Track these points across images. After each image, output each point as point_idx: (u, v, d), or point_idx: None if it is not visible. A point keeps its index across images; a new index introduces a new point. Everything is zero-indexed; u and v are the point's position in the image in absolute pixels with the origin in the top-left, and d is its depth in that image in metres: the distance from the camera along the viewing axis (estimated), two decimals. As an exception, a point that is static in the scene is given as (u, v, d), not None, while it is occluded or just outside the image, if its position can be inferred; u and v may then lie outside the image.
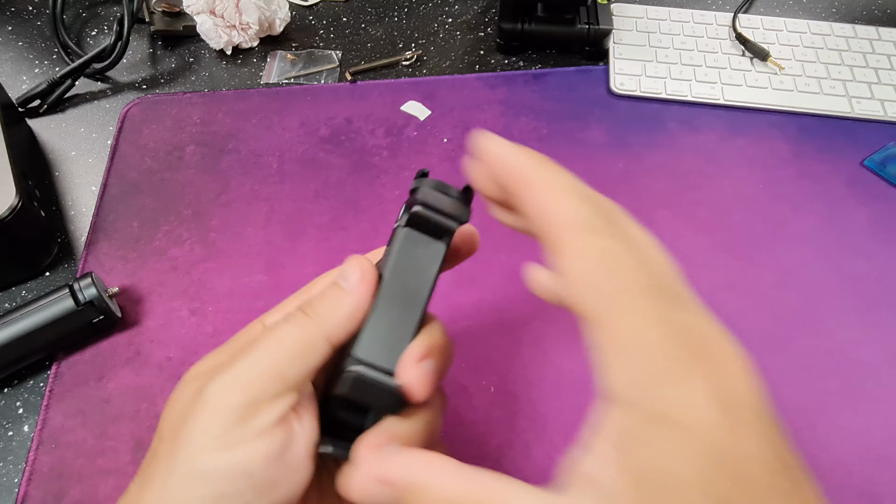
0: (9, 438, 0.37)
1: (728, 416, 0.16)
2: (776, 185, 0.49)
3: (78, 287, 0.38)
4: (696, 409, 0.16)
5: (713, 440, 0.16)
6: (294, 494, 0.24)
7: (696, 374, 0.17)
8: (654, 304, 0.18)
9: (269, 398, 0.23)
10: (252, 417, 0.23)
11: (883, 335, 0.41)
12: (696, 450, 0.16)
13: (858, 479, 0.36)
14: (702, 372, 0.17)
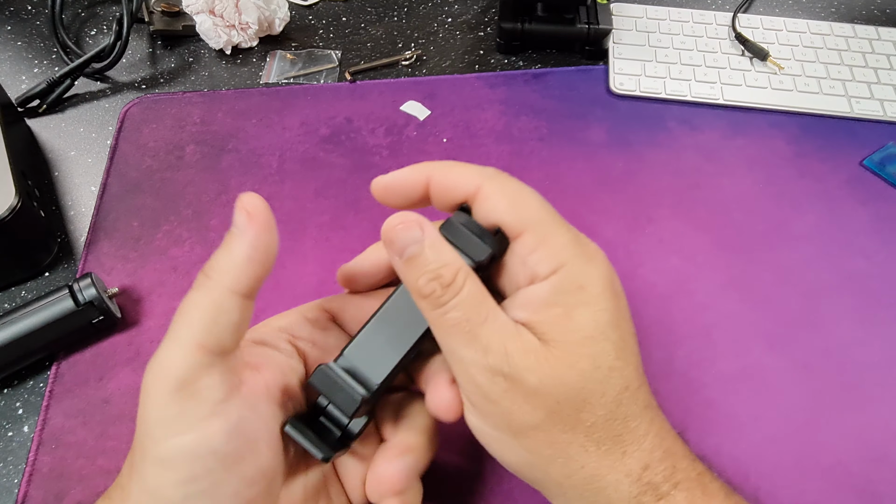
0: (9, 439, 0.37)
1: (608, 286, 0.25)
2: (776, 185, 0.49)
3: (78, 287, 0.38)
4: (597, 281, 0.25)
5: (606, 295, 0.25)
6: (264, 467, 0.25)
7: (592, 262, 0.25)
8: (557, 220, 0.26)
9: (199, 370, 0.23)
10: (193, 395, 0.23)
11: (883, 334, 0.41)
12: (600, 297, 0.25)
13: (858, 478, 0.36)
14: (593, 261, 0.26)
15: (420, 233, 0.24)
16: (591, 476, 0.25)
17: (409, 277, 0.25)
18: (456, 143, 0.51)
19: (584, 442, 0.24)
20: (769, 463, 0.36)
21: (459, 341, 0.24)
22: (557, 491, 0.26)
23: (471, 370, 0.24)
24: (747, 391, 0.39)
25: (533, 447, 0.25)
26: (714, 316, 0.42)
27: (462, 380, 0.25)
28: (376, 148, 0.50)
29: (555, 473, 0.25)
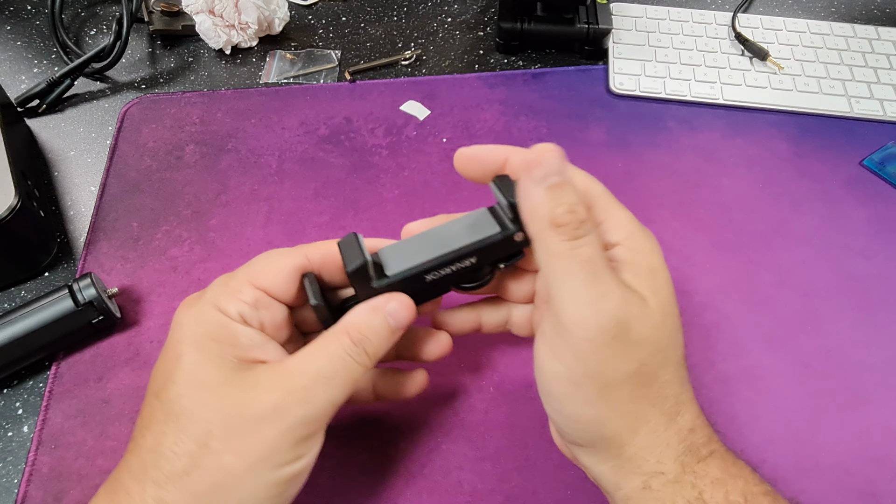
0: (8, 439, 0.37)
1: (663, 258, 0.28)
2: (775, 185, 0.49)
3: (77, 287, 0.38)
4: (658, 252, 0.28)
5: (665, 265, 0.28)
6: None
7: (650, 235, 0.29)
8: (616, 200, 0.30)
9: (329, 421, 0.27)
10: (318, 435, 0.27)
11: (882, 334, 0.41)
12: (664, 266, 0.28)
13: (858, 478, 0.36)
14: (650, 234, 0.29)
15: (562, 167, 0.25)
16: (652, 432, 0.26)
17: (545, 205, 0.25)
18: (455, 143, 0.51)
19: (655, 398, 0.26)
20: (769, 463, 0.36)
21: (583, 279, 0.25)
22: (616, 450, 0.26)
23: (586, 311, 0.25)
24: (747, 392, 0.39)
25: (616, 400, 0.26)
26: (714, 316, 0.42)
27: (569, 318, 0.25)
28: (376, 148, 0.50)
29: (624, 429, 0.26)
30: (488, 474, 0.36)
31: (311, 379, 0.27)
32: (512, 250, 0.30)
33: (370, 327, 0.28)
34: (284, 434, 0.26)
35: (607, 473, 0.27)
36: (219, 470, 0.25)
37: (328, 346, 0.28)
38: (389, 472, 0.36)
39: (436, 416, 0.38)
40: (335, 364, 0.27)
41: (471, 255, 0.29)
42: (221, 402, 0.26)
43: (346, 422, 0.37)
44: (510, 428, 0.37)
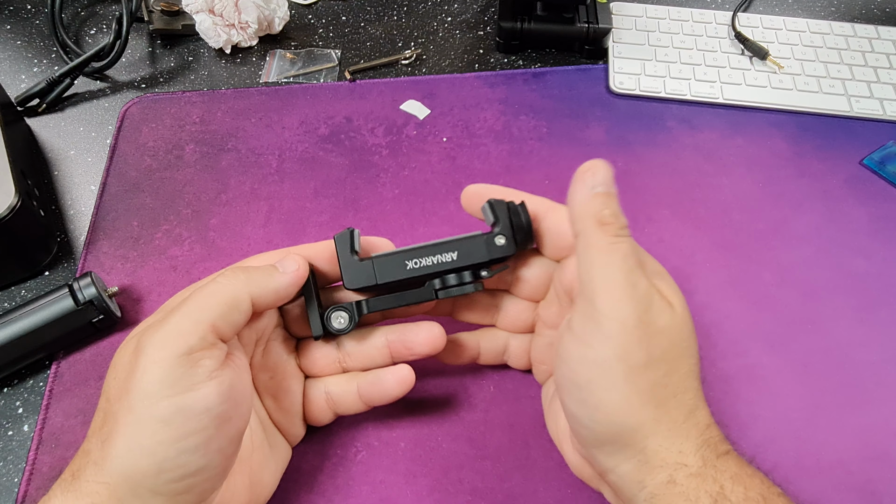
0: (9, 438, 0.37)
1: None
2: (775, 184, 0.49)
3: (77, 286, 0.38)
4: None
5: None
6: (243, 427, 0.29)
7: (649, 255, 0.31)
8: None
9: (207, 346, 0.27)
10: (197, 363, 0.26)
11: (882, 334, 0.41)
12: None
13: (858, 477, 0.36)
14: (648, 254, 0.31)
15: (610, 179, 0.29)
16: (674, 422, 0.27)
17: (593, 206, 0.28)
18: (455, 143, 0.51)
19: (676, 389, 0.27)
20: (769, 462, 0.36)
21: (619, 267, 0.27)
22: (641, 442, 0.27)
23: (619, 294, 0.27)
24: (747, 390, 0.39)
25: (639, 385, 0.26)
26: (714, 316, 0.42)
27: (604, 303, 0.27)
28: (376, 147, 0.50)
29: (648, 418, 0.26)
30: (489, 473, 0.36)
31: (177, 305, 0.28)
32: (496, 256, 0.32)
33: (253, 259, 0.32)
34: (151, 364, 0.26)
35: (631, 472, 0.27)
36: (113, 416, 0.26)
37: None
38: (390, 472, 0.36)
39: (436, 414, 0.38)
40: (199, 288, 0.29)
41: (451, 249, 0.31)
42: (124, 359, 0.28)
43: (345, 421, 0.37)
44: (510, 427, 0.37)
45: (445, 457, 0.36)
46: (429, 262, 0.31)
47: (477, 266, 0.32)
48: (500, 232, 0.32)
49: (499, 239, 0.32)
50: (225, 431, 0.27)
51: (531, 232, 0.32)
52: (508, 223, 0.32)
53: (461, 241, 0.32)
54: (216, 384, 0.26)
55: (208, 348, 0.27)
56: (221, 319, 0.28)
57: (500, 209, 0.32)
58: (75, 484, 0.25)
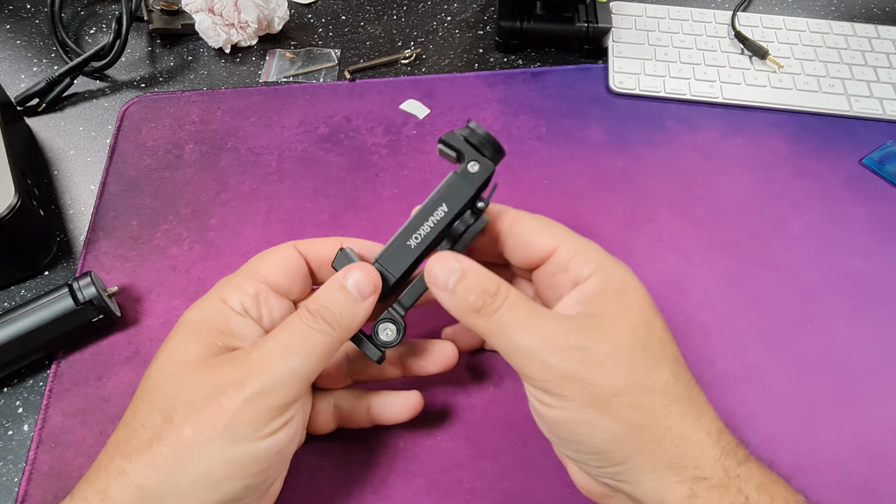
0: (9, 438, 0.37)
1: (639, 281, 0.29)
2: (775, 184, 0.49)
3: (77, 286, 0.38)
4: (631, 276, 0.30)
5: (641, 286, 0.30)
6: (291, 455, 0.30)
7: (621, 264, 0.30)
8: (581, 237, 0.31)
9: (297, 398, 0.27)
10: (284, 412, 0.27)
11: (881, 333, 0.41)
12: (639, 286, 0.29)
13: (856, 477, 0.36)
14: (621, 263, 0.30)
15: (457, 264, 0.28)
16: (678, 437, 0.26)
17: (458, 302, 0.28)
18: (455, 142, 0.51)
19: (664, 402, 0.26)
20: (767, 462, 0.36)
21: (521, 334, 0.26)
22: (648, 463, 0.26)
23: (540, 356, 0.26)
24: (745, 390, 0.39)
25: (621, 415, 0.26)
26: (712, 315, 0.42)
27: (533, 372, 0.26)
28: (375, 147, 0.50)
29: (646, 440, 0.26)
30: (487, 473, 0.36)
31: (269, 350, 0.27)
32: (478, 182, 0.30)
33: (328, 296, 0.29)
34: (244, 406, 0.26)
35: (651, 493, 0.26)
36: (178, 442, 0.25)
37: (288, 321, 0.28)
38: (389, 471, 0.36)
39: (435, 414, 0.38)
40: (293, 334, 0.28)
41: (437, 203, 0.30)
42: (190, 379, 0.26)
43: (345, 420, 0.37)
44: (509, 427, 0.37)
45: (444, 456, 0.36)
46: (427, 229, 0.30)
47: (470, 202, 0.31)
48: (469, 159, 0.30)
49: (471, 166, 0.30)
50: (282, 465, 0.29)
51: (495, 141, 0.31)
52: (470, 147, 0.31)
53: (441, 191, 0.30)
54: (288, 428, 0.27)
55: (297, 398, 0.27)
56: (315, 370, 0.28)
57: (454, 140, 0.31)
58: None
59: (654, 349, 0.27)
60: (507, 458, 0.36)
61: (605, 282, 0.29)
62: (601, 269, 0.29)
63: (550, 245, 0.30)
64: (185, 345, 0.28)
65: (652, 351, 0.27)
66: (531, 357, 0.26)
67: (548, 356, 0.26)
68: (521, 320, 0.27)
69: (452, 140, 0.31)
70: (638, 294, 0.29)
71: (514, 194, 0.48)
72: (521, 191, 0.48)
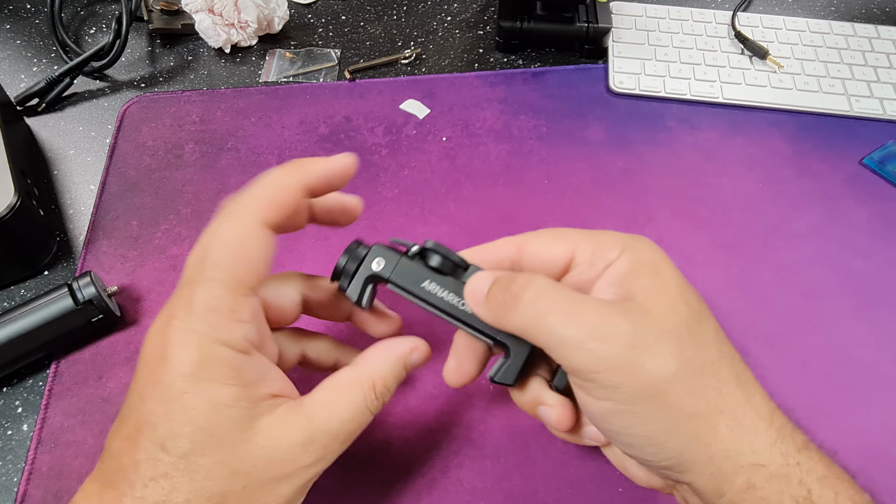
0: (8, 438, 0.37)
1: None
2: (775, 184, 0.49)
3: (77, 286, 0.38)
4: (658, 251, 0.28)
5: (670, 260, 0.28)
6: None
7: (644, 240, 0.29)
8: (593, 230, 0.30)
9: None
10: None
11: (882, 333, 0.41)
12: (668, 260, 0.28)
13: (858, 477, 0.36)
14: (644, 239, 0.29)
15: (488, 277, 0.28)
16: (731, 421, 0.24)
17: (491, 308, 0.27)
18: (455, 142, 0.51)
19: (714, 384, 0.25)
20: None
21: (563, 324, 0.25)
22: (705, 453, 0.24)
23: (587, 345, 0.24)
24: (746, 390, 0.39)
25: (675, 403, 0.24)
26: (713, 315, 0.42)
27: (581, 363, 0.25)
28: (375, 147, 0.50)
29: (701, 428, 0.24)
30: (488, 473, 0.36)
31: (332, 436, 0.26)
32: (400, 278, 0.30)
33: (395, 378, 0.28)
34: (298, 490, 0.26)
35: (709, 485, 0.25)
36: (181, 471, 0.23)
37: (350, 397, 0.27)
38: (389, 471, 0.36)
39: (435, 414, 0.38)
40: (356, 419, 0.27)
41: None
42: (240, 463, 0.24)
43: (345, 420, 0.37)
44: (510, 426, 0.37)
45: (445, 456, 0.36)
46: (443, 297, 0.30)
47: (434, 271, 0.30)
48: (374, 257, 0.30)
49: (377, 263, 0.30)
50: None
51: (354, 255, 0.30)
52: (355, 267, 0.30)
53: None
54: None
55: None
56: None
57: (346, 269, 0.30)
58: None
59: (697, 326, 0.26)
60: (508, 457, 0.36)
61: (635, 259, 0.27)
62: (627, 249, 0.28)
63: (567, 251, 0.29)
64: (212, 418, 0.24)
65: (695, 328, 0.25)
66: (577, 347, 0.24)
67: (596, 345, 0.24)
68: (559, 308, 0.25)
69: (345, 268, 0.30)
70: (670, 268, 0.27)
71: (515, 194, 0.48)
72: (521, 191, 0.48)
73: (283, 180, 0.27)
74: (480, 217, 0.46)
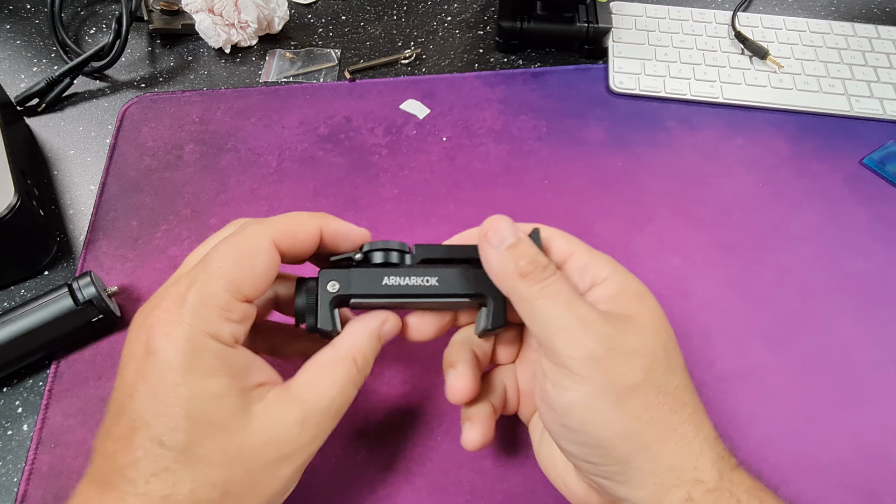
0: (8, 438, 0.37)
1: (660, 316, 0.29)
2: (775, 184, 0.49)
3: (77, 286, 0.38)
4: (640, 284, 0.30)
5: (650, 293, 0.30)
6: None
7: (629, 273, 0.30)
8: (591, 248, 0.31)
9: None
10: None
11: (882, 334, 0.41)
12: (649, 293, 0.30)
13: (857, 477, 0.36)
14: (629, 272, 0.30)
15: (514, 230, 0.29)
16: (682, 439, 0.26)
17: (507, 262, 0.28)
18: (455, 143, 0.51)
19: (673, 404, 0.27)
20: (768, 462, 0.36)
21: (562, 308, 0.27)
22: (651, 465, 0.26)
23: (575, 332, 0.26)
24: (746, 391, 0.39)
25: (633, 410, 0.26)
26: (713, 316, 0.42)
27: (564, 346, 0.26)
28: (375, 147, 0.50)
29: (651, 439, 0.26)
30: (488, 473, 0.36)
31: (323, 413, 0.27)
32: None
33: (372, 351, 0.30)
34: (297, 470, 0.27)
35: (648, 497, 0.26)
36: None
37: (335, 375, 0.28)
38: (389, 471, 0.36)
39: (435, 414, 0.38)
40: (343, 394, 0.28)
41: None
42: (240, 450, 0.25)
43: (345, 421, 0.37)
44: (510, 426, 0.37)
45: (444, 456, 0.36)
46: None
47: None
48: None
49: (331, 286, 0.30)
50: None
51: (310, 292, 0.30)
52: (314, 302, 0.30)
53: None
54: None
55: None
56: None
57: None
58: None
59: (671, 353, 0.28)
60: (508, 457, 0.36)
61: (622, 284, 0.29)
62: (617, 273, 0.30)
63: (566, 253, 0.30)
64: (208, 410, 0.25)
65: (670, 354, 0.28)
66: (566, 331, 0.26)
67: (582, 335, 0.26)
68: (565, 294, 0.27)
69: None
70: (653, 299, 0.29)
71: (514, 195, 0.48)
72: (521, 191, 0.48)
73: (303, 218, 0.29)
74: (480, 217, 0.45)
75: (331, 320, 0.29)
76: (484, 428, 0.32)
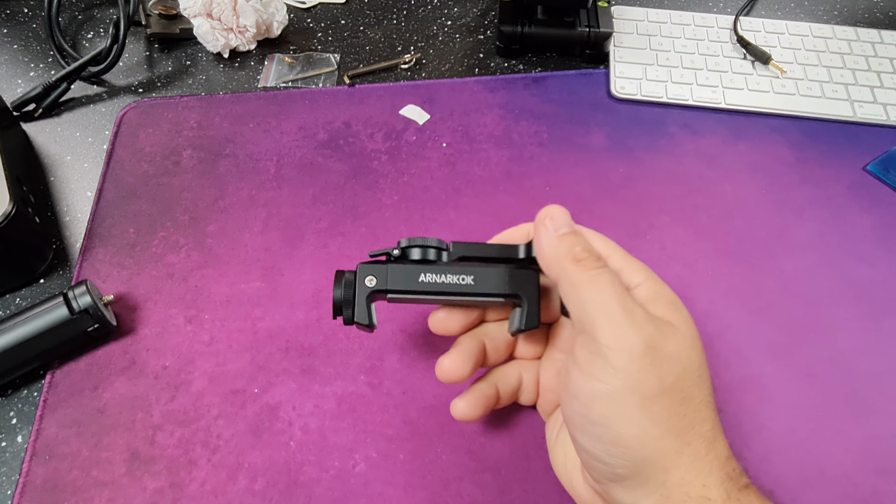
0: (2, 449, 0.37)
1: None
2: (778, 190, 0.48)
3: (72, 295, 0.37)
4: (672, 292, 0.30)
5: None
6: None
7: (660, 280, 0.31)
8: (626, 252, 0.32)
9: None
10: None
11: (887, 342, 0.41)
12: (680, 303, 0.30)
13: (863, 489, 0.36)
14: (660, 279, 0.31)
15: (572, 222, 0.30)
16: (695, 454, 0.26)
17: (562, 248, 0.29)
18: (455, 148, 0.50)
19: (693, 418, 0.27)
20: (773, 474, 0.36)
21: (611, 297, 0.27)
22: (661, 476, 0.26)
23: (619, 322, 0.26)
24: (750, 401, 0.38)
25: (656, 415, 0.26)
26: (716, 325, 0.42)
27: (605, 334, 0.26)
28: (375, 153, 0.50)
29: (667, 447, 0.26)
30: (489, 485, 0.35)
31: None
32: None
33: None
34: None
35: None
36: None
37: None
38: (388, 484, 0.35)
39: (435, 426, 0.37)
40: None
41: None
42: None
43: (344, 433, 0.37)
44: (511, 439, 0.37)
45: (445, 469, 0.36)
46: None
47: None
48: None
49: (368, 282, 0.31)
50: None
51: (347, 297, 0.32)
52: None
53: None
54: None
55: None
56: None
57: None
58: None
59: (702, 367, 0.28)
60: (509, 470, 0.36)
61: (656, 292, 0.29)
62: (650, 279, 0.30)
63: (603, 253, 0.31)
64: None
65: (700, 368, 0.28)
66: (610, 319, 0.26)
67: (627, 327, 0.26)
68: (616, 286, 0.27)
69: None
70: (686, 311, 0.30)
71: (515, 201, 0.47)
72: (522, 198, 0.47)
73: None
74: (481, 224, 0.46)
75: (367, 314, 0.31)
76: (474, 403, 0.33)
